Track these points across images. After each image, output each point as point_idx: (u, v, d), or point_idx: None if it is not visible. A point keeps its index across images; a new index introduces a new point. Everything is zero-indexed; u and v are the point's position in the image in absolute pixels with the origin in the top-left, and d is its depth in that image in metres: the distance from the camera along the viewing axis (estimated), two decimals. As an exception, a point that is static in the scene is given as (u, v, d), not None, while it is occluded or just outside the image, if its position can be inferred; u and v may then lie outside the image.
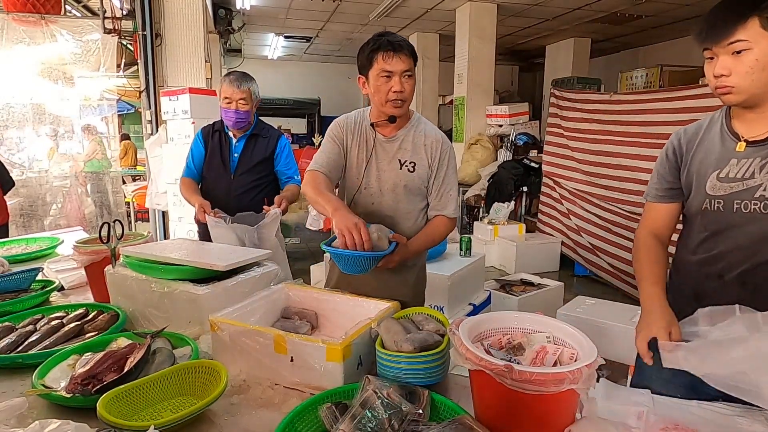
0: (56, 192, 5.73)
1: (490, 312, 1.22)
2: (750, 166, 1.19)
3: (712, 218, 1.26)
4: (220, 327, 1.26)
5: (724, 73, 1.13)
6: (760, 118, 1.20)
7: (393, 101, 1.63)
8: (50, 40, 4.47)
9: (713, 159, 1.25)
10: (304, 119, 12.23)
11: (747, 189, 1.19)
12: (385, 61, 1.60)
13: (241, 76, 2.48)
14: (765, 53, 1.09)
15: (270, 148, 2.55)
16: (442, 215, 1.75)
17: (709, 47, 1.14)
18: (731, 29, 1.09)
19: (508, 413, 0.93)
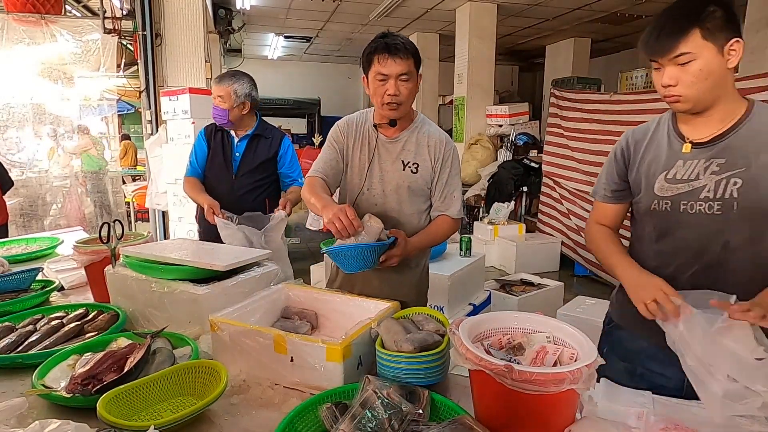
0: (56, 192, 5.73)
1: (490, 312, 1.22)
2: (695, 167, 1.22)
3: (661, 218, 1.28)
4: (220, 327, 1.26)
5: (672, 83, 1.16)
6: (705, 121, 1.22)
7: (388, 104, 1.62)
8: (50, 40, 4.47)
9: (661, 160, 1.28)
10: (304, 119, 12.22)
11: (693, 190, 1.22)
12: (380, 64, 1.59)
13: (225, 75, 2.48)
14: (708, 63, 1.12)
15: (273, 149, 2.54)
16: (446, 215, 1.74)
17: (655, 59, 1.18)
18: (675, 43, 1.12)
19: (508, 413, 0.93)
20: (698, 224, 1.22)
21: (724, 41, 1.12)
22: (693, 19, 1.11)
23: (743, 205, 1.16)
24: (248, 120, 2.52)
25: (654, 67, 1.20)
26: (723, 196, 1.18)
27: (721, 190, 1.18)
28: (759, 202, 1.15)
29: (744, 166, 1.16)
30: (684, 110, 1.21)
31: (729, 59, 1.14)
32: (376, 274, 1.75)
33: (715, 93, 1.17)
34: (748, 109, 1.20)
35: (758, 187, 1.15)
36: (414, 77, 1.64)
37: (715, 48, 1.12)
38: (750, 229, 1.18)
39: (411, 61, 1.61)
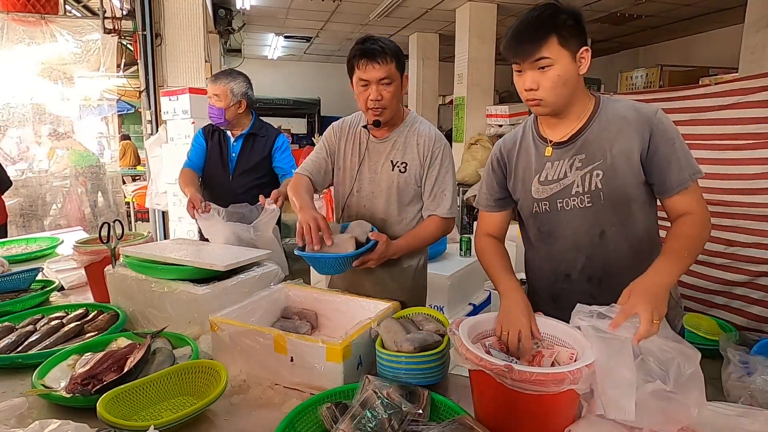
0: (56, 192, 5.73)
1: (490, 312, 1.22)
2: (561, 166, 1.30)
3: (543, 219, 1.36)
4: (220, 327, 1.26)
5: (533, 87, 1.21)
6: (563, 122, 1.31)
7: (372, 109, 1.62)
8: (50, 40, 4.47)
9: (533, 165, 1.36)
10: (304, 119, 12.22)
11: (564, 188, 1.30)
12: (361, 70, 1.58)
13: (221, 74, 2.47)
14: (566, 69, 1.19)
15: (268, 147, 2.53)
16: (435, 215, 1.70)
17: (517, 62, 1.23)
18: (535, 47, 1.17)
19: (508, 413, 0.93)
20: (575, 219, 1.30)
21: (576, 49, 1.20)
22: (550, 27, 1.17)
23: (608, 194, 1.25)
24: (244, 119, 2.52)
25: (516, 70, 1.25)
26: (590, 189, 1.27)
27: (587, 183, 1.27)
28: (619, 189, 1.25)
29: (602, 158, 1.25)
30: (544, 113, 1.27)
31: (580, 66, 1.22)
32: (368, 276, 1.76)
33: (571, 96, 1.25)
34: (596, 105, 1.30)
35: (617, 174, 1.24)
36: (396, 79, 1.62)
37: (569, 55, 1.19)
38: (618, 215, 1.27)
39: (392, 65, 1.59)
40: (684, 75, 6.60)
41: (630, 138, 1.24)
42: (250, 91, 2.50)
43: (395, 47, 1.62)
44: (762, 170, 3.11)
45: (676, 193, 1.23)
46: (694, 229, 1.19)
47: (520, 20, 1.23)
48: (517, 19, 1.24)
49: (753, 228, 3.20)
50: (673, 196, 1.23)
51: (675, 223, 1.23)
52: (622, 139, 1.24)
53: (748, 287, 3.31)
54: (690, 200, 1.23)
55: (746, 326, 3.34)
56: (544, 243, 1.39)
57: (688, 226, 1.20)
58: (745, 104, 3.20)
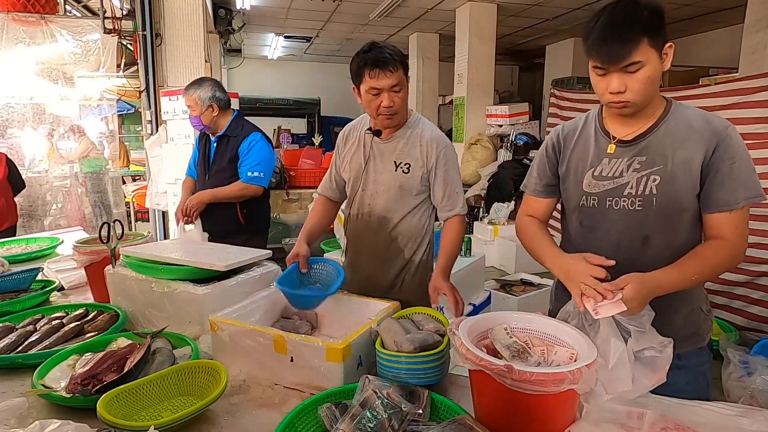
0: (56, 192, 5.73)
1: (491, 312, 1.22)
2: (619, 165, 1.27)
3: (588, 214, 1.33)
4: (220, 327, 1.26)
5: (621, 90, 1.16)
6: (631, 120, 1.26)
7: (384, 115, 1.65)
8: (50, 40, 4.47)
9: (589, 157, 1.32)
10: (304, 119, 12.20)
11: (617, 187, 1.26)
12: (372, 79, 1.60)
13: (189, 85, 2.55)
14: (654, 69, 1.15)
15: (235, 148, 2.56)
16: (455, 215, 1.74)
17: (603, 67, 1.17)
18: (627, 52, 1.12)
19: (508, 413, 0.93)
20: (621, 219, 1.26)
21: (662, 46, 1.15)
22: (639, 28, 1.11)
23: (661, 201, 1.21)
24: (222, 120, 2.59)
25: (597, 73, 1.19)
26: (644, 193, 1.23)
27: (642, 186, 1.23)
28: (674, 198, 1.21)
29: (662, 164, 1.22)
30: (629, 114, 1.23)
31: (664, 62, 1.17)
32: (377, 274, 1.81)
33: (652, 97, 1.21)
34: (666, 109, 1.26)
35: (674, 183, 1.20)
36: (405, 85, 1.66)
37: (657, 54, 1.14)
38: (666, 224, 1.24)
39: (401, 71, 1.62)
40: (684, 75, 6.60)
41: (694, 148, 1.19)
42: (218, 93, 2.54)
43: (400, 53, 1.64)
44: (762, 170, 3.11)
45: (717, 212, 1.19)
46: (717, 256, 1.17)
47: (604, 21, 1.15)
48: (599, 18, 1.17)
49: (753, 228, 3.20)
50: (714, 214, 1.19)
51: (703, 244, 1.21)
52: (686, 148, 1.20)
53: (748, 287, 3.32)
54: (729, 224, 1.19)
55: (746, 326, 3.34)
56: (584, 238, 1.35)
57: (713, 251, 1.18)
58: (745, 104, 3.20)
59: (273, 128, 9.60)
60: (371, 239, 1.81)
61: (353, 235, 1.88)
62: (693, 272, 1.15)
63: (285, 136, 8.43)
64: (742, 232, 1.22)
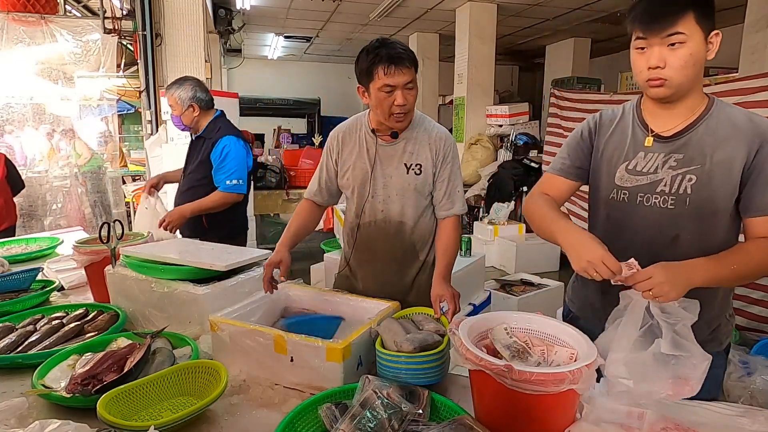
0: (56, 192, 5.72)
1: (491, 312, 1.21)
2: (655, 160, 1.23)
3: (617, 207, 1.28)
4: (220, 327, 1.26)
5: (660, 64, 1.11)
6: (671, 114, 1.22)
7: (396, 115, 1.59)
8: (50, 40, 4.47)
9: (624, 150, 1.28)
10: (304, 119, 12.22)
11: (650, 183, 1.23)
12: (386, 76, 1.53)
13: (170, 84, 2.55)
14: (698, 48, 1.10)
15: (206, 150, 2.52)
16: (453, 214, 1.70)
17: (645, 37, 1.12)
18: (673, 21, 1.08)
19: (508, 413, 0.93)
20: (652, 217, 1.23)
21: (709, 30, 1.11)
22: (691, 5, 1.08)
23: (695, 201, 1.18)
24: (203, 121, 2.57)
25: (638, 46, 1.15)
26: (677, 192, 1.19)
27: (676, 185, 1.19)
28: (709, 199, 1.17)
29: (700, 163, 1.18)
30: (663, 96, 1.17)
31: (709, 50, 1.13)
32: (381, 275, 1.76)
33: (693, 83, 1.16)
34: (708, 106, 1.21)
35: (710, 184, 1.16)
36: (416, 83, 1.62)
37: (703, 35, 1.10)
38: (699, 224, 1.20)
39: (413, 68, 1.58)
40: (684, 75, 6.59)
41: (736, 148, 1.15)
42: (199, 93, 2.52)
43: (412, 51, 1.60)
44: (762, 170, 3.11)
45: (760, 216, 1.14)
46: (760, 252, 1.12)
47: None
48: None
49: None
50: (756, 218, 1.15)
51: (747, 241, 1.17)
52: (727, 148, 1.16)
53: (748, 287, 3.31)
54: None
55: (746, 326, 3.34)
56: (610, 232, 1.29)
57: (756, 247, 1.13)
58: (745, 104, 3.20)
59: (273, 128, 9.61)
60: (387, 246, 1.74)
61: (365, 242, 1.78)
62: (733, 263, 1.09)
63: (285, 136, 8.44)
64: None
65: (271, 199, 5.53)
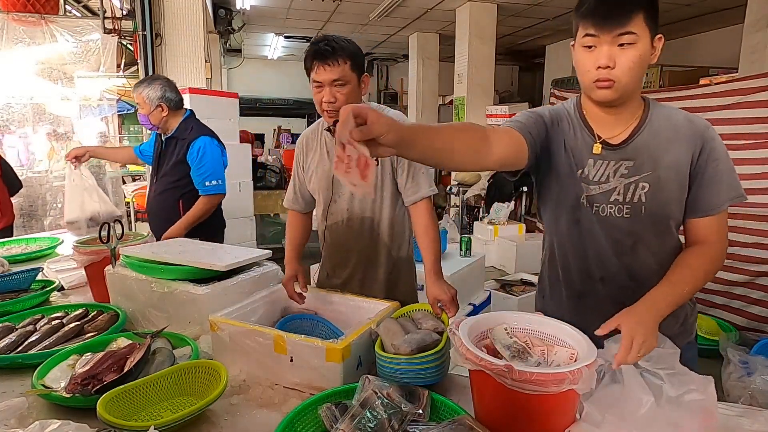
0: (56, 192, 5.72)
1: (491, 312, 1.21)
2: (606, 168, 1.19)
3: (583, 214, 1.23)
4: (220, 327, 1.26)
5: (610, 64, 1.07)
6: (615, 119, 1.19)
7: (327, 111, 1.57)
8: (50, 40, 4.47)
9: (575, 157, 1.22)
10: (304, 119, 12.22)
11: (603, 192, 1.19)
12: (314, 72, 1.53)
13: (140, 82, 2.52)
14: (646, 50, 1.08)
15: (181, 151, 2.51)
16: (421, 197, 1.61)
17: (596, 34, 1.07)
18: (625, 20, 1.05)
19: (508, 413, 0.93)
20: (609, 226, 1.20)
21: (655, 33, 1.09)
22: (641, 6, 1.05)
23: (650, 208, 1.16)
24: (173, 122, 2.55)
25: (586, 44, 1.09)
26: (632, 200, 1.17)
27: (630, 193, 1.17)
28: (664, 205, 1.16)
29: (650, 169, 1.15)
30: (610, 99, 1.12)
31: (653, 53, 1.10)
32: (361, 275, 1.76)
33: (637, 86, 1.14)
34: (646, 108, 1.19)
35: (663, 190, 1.15)
36: (351, 81, 1.55)
37: (650, 37, 1.08)
38: (655, 230, 1.19)
39: (346, 65, 1.52)
40: (684, 75, 6.60)
41: (680, 150, 1.14)
42: (168, 93, 2.49)
43: (352, 47, 1.55)
44: (762, 170, 3.12)
45: (702, 216, 1.16)
46: (702, 262, 1.13)
47: None
48: None
49: (753, 228, 3.20)
50: (698, 219, 1.16)
51: (686, 251, 1.17)
52: (673, 151, 1.15)
53: (748, 287, 3.32)
54: (712, 228, 1.16)
55: (746, 326, 3.34)
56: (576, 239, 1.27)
57: (697, 257, 1.14)
58: (745, 104, 3.20)
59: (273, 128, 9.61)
60: (358, 245, 1.73)
61: (334, 244, 1.79)
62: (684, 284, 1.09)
63: (285, 136, 8.44)
64: (725, 234, 1.18)
65: (271, 199, 5.52)
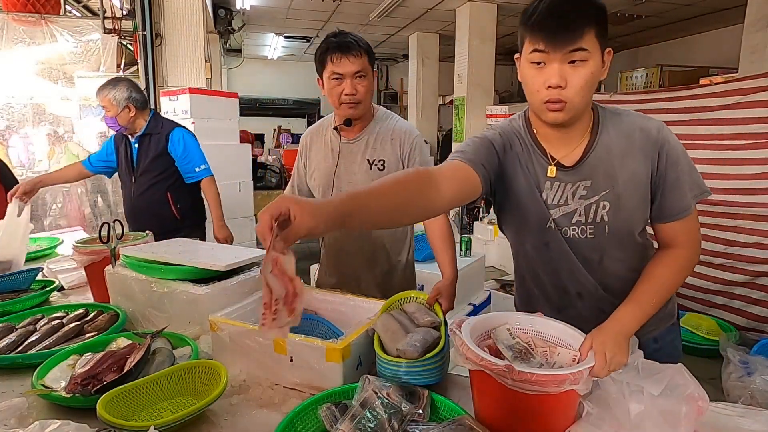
0: (56, 192, 5.72)
1: (491, 312, 1.21)
2: (564, 191, 1.14)
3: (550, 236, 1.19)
4: (220, 327, 1.26)
5: (562, 84, 0.99)
6: (567, 138, 1.13)
7: (346, 104, 1.60)
8: (50, 40, 4.48)
9: (533, 181, 1.16)
10: (304, 119, 12.23)
11: (564, 215, 1.15)
12: (334, 64, 1.56)
13: (104, 85, 2.55)
14: (597, 67, 1.01)
15: (162, 144, 2.60)
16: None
17: (546, 50, 0.99)
18: (579, 36, 0.96)
19: (509, 414, 0.93)
20: (575, 244, 1.18)
21: (605, 47, 1.02)
22: (590, 15, 0.97)
23: (613, 226, 1.14)
24: (140, 121, 2.60)
25: (534, 60, 1.01)
26: (594, 221, 1.14)
27: (591, 214, 1.13)
28: (627, 221, 1.14)
29: (609, 187, 1.11)
30: (562, 121, 1.06)
31: (604, 69, 1.04)
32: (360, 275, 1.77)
33: (588, 104, 1.09)
34: (596, 120, 1.13)
35: (625, 206, 1.12)
36: (369, 74, 1.60)
37: (600, 52, 1.01)
38: (620, 243, 1.18)
39: (365, 59, 1.57)
40: (684, 75, 6.61)
41: (638, 163, 1.10)
42: (134, 94, 2.55)
43: (367, 43, 1.61)
44: (762, 170, 3.12)
45: (671, 221, 1.13)
46: (671, 271, 1.11)
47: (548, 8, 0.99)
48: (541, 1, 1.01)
49: (753, 228, 3.20)
50: (667, 224, 1.14)
51: (655, 260, 1.14)
52: (629, 165, 1.10)
53: (748, 287, 3.32)
54: (682, 230, 1.13)
55: (746, 326, 3.34)
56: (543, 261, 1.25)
57: (665, 267, 1.11)
58: (745, 104, 3.20)
59: (273, 128, 9.61)
60: (355, 245, 1.74)
61: (333, 244, 1.81)
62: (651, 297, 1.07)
63: (285, 136, 8.44)
64: (697, 233, 1.16)
65: (271, 199, 5.53)
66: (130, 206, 2.71)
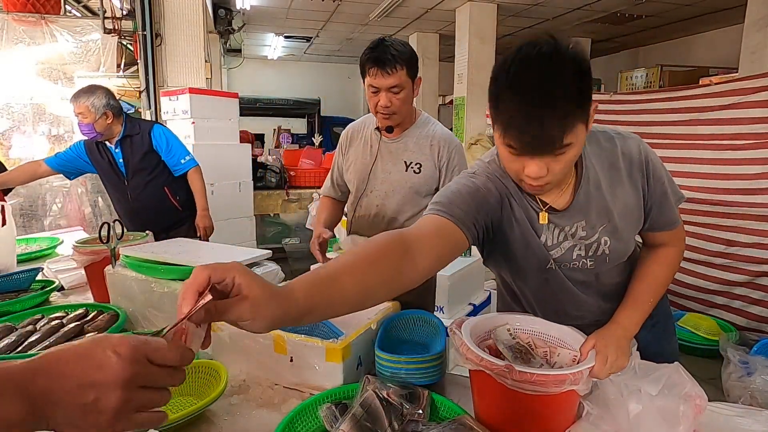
0: (56, 192, 5.72)
1: (491, 312, 1.21)
2: (560, 233, 1.12)
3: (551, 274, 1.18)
4: (220, 327, 1.26)
5: (541, 174, 0.93)
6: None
7: (381, 114, 1.64)
8: (50, 40, 4.47)
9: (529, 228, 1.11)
10: (304, 119, 12.21)
11: (564, 253, 1.14)
12: (371, 77, 1.59)
13: (80, 92, 2.57)
14: (581, 144, 0.95)
15: (146, 142, 2.64)
16: None
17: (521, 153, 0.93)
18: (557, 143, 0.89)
19: (509, 413, 0.93)
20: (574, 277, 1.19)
21: (589, 110, 0.93)
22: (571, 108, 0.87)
23: (614, 255, 1.15)
24: (116, 126, 2.62)
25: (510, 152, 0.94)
26: (595, 254, 1.14)
27: (592, 251, 1.14)
28: (624, 248, 1.15)
29: (605, 222, 1.10)
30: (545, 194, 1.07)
31: (589, 124, 0.96)
32: None
33: None
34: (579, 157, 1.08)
35: (622, 236, 1.13)
36: (407, 86, 1.63)
37: (585, 125, 0.93)
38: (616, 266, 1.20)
39: (402, 72, 1.58)
40: (684, 75, 6.61)
41: (628, 192, 1.10)
42: (111, 100, 2.58)
43: (408, 52, 1.60)
44: (762, 170, 3.11)
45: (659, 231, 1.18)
46: (665, 269, 1.17)
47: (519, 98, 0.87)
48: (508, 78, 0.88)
49: (753, 228, 3.20)
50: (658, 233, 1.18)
51: (648, 259, 1.19)
52: (621, 196, 1.10)
53: (748, 287, 3.32)
54: (672, 236, 1.18)
55: (746, 326, 3.34)
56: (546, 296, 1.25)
57: (658, 265, 1.17)
58: (745, 104, 3.20)
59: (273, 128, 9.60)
60: None
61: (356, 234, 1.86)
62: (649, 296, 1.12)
63: (285, 136, 8.43)
64: (681, 231, 1.20)
65: (271, 199, 5.53)
66: (128, 208, 2.72)
